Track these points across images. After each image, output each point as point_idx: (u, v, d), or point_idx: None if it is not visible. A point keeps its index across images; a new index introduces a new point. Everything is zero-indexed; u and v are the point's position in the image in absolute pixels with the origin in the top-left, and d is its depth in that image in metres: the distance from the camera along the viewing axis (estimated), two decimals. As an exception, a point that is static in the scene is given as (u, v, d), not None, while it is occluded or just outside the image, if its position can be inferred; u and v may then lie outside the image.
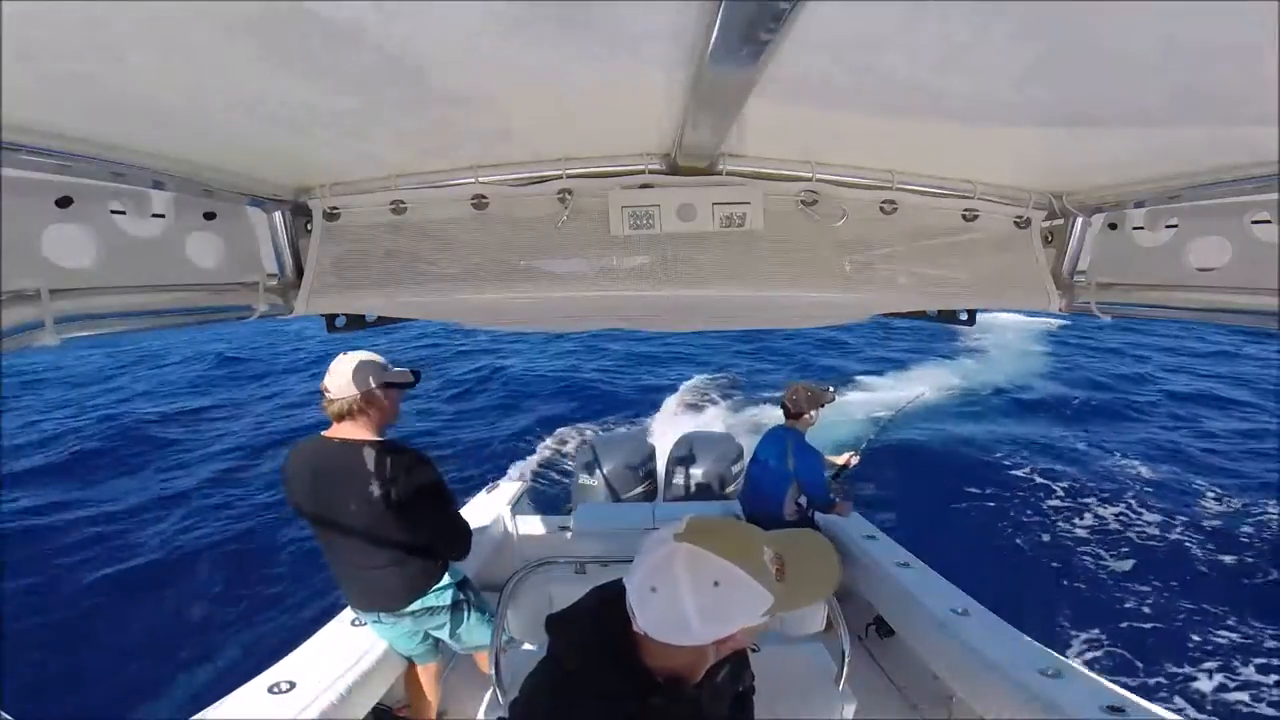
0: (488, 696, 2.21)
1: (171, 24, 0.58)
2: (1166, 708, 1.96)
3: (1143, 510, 7.29)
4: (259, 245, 1.30)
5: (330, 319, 1.48)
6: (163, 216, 1.06)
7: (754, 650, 1.78)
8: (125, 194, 0.97)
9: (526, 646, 2.35)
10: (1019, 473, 8.24)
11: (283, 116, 0.90)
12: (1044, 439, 9.57)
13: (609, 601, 1.05)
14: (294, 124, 0.95)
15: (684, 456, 4.39)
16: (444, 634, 2.46)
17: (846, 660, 1.99)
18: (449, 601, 2.42)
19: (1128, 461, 8.81)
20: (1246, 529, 6.80)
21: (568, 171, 1.27)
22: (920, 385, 11.32)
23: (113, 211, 0.97)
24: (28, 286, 0.83)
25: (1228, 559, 6.24)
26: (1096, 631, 5.19)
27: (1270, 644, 5.04)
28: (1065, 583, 5.89)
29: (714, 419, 10.53)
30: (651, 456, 4.55)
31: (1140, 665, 4.83)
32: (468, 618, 2.47)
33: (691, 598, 0.93)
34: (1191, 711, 4.42)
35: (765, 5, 0.55)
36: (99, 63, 0.64)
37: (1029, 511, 7.26)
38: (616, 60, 0.76)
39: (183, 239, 1.11)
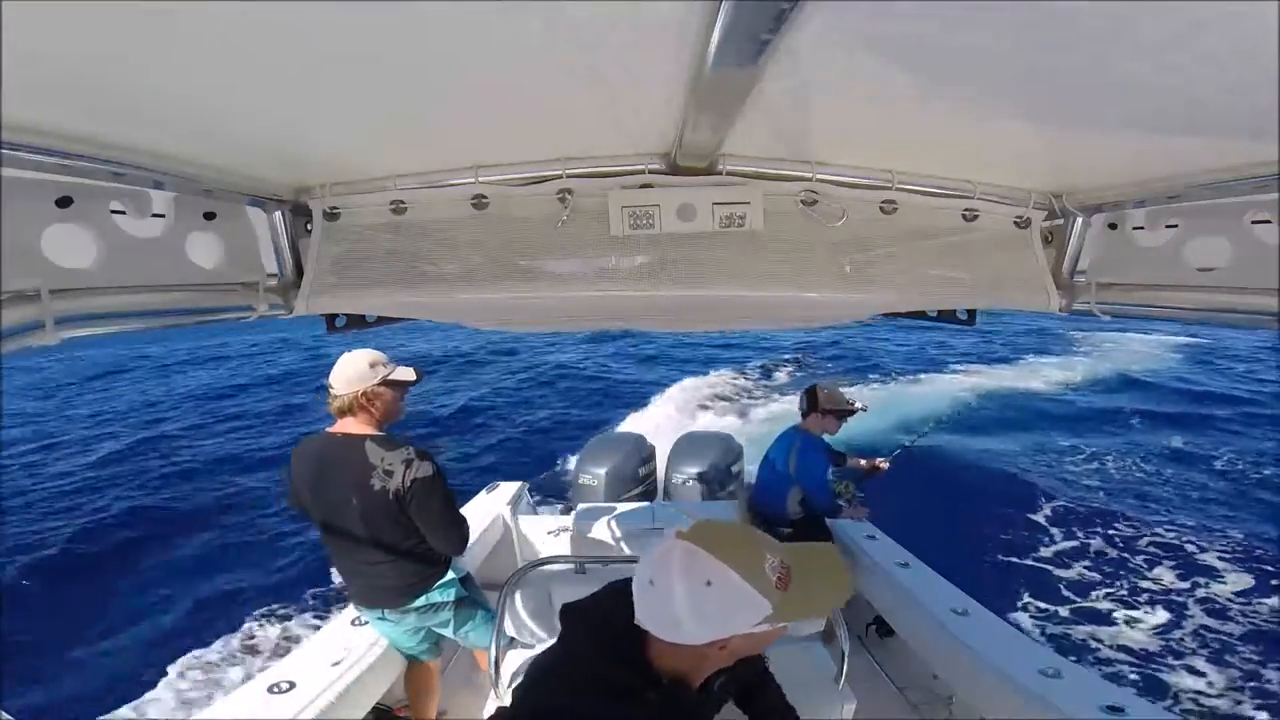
0: (488, 696, 2.22)
1: (171, 24, 0.58)
2: (1167, 708, 1.96)
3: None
4: (259, 245, 1.30)
5: (330, 319, 1.48)
6: (163, 216, 1.06)
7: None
8: (125, 194, 0.97)
9: (526, 646, 2.36)
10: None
11: (283, 116, 0.90)
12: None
13: (621, 594, 1.06)
14: (294, 124, 0.95)
15: (683, 456, 4.39)
16: (448, 631, 2.47)
17: (846, 660, 1.99)
18: (452, 598, 2.42)
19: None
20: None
21: (568, 171, 1.27)
22: (1016, 383, 10.92)
23: (113, 211, 0.97)
24: (28, 286, 0.83)
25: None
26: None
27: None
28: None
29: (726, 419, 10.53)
30: (651, 456, 4.54)
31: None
32: (472, 615, 2.48)
33: (683, 594, 0.93)
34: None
35: (765, 5, 0.55)
36: (99, 63, 0.64)
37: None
38: (617, 60, 0.76)
39: (183, 239, 1.11)
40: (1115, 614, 5.42)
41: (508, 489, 3.79)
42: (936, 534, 3.32)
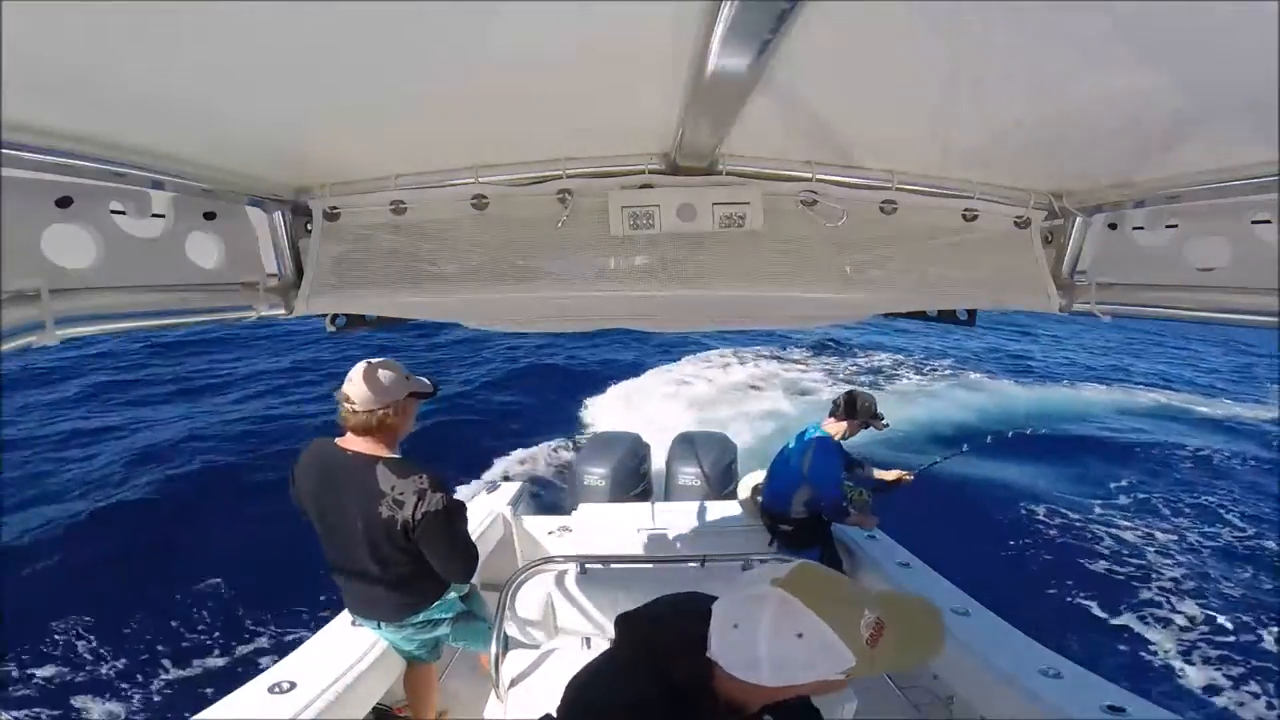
0: (489, 697, 2.22)
1: (171, 24, 0.58)
2: (1168, 707, 1.96)
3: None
4: (259, 245, 1.30)
5: (330, 319, 1.48)
6: (163, 216, 1.06)
7: None
8: (125, 194, 0.97)
9: (526, 646, 2.35)
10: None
11: (283, 116, 0.90)
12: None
13: (681, 613, 1.07)
14: (294, 124, 0.95)
15: (683, 455, 4.39)
16: (447, 640, 2.46)
17: None
18: (450, 615, 2.39)
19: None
20: None
21: (568, 171, 1.27)
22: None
23: (113, 211, 0.97)
24: (28, 286, 0.83)
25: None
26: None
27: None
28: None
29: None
30: (648, 455, 4.56)
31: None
32: (472, 626, 2.45)
33: (768, 643, 0.92)
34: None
35: (765, 5, 0.55)
36: (99, 63, 0.64)
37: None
38: (617, 60, 0.76)
39: (183, 239, 1.11)
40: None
41: (508, 489, 3.79)
42: (944, 562, 3.21)
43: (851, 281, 1.37)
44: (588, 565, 2.46)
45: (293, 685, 2.01)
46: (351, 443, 2.11)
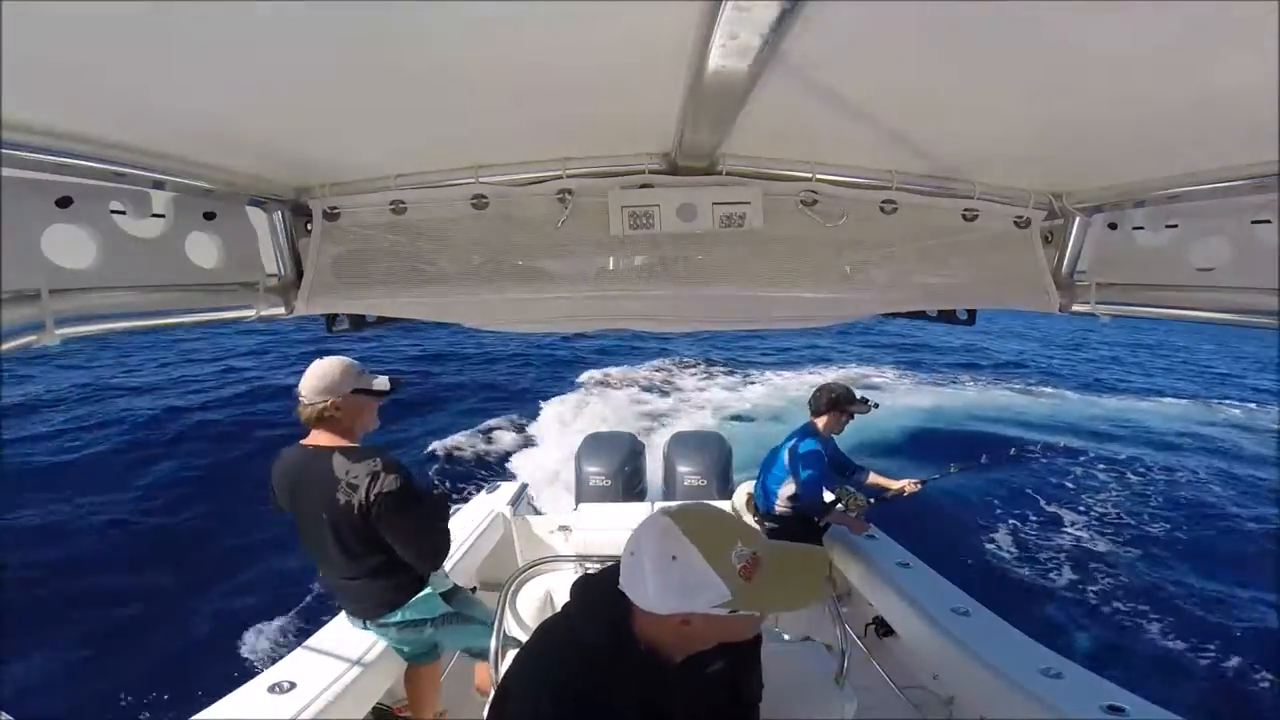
0: (489, 697, 2.21)
1: (171, 24, 0.58)
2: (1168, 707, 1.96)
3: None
4: (259, 245, 1.30)
5: (330, 319, 1.48)
6: (163, 216, 1.06)
7: None
8: (125, 194, 0.97)
9: None
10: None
11: (283, 116, 0.90)
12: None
13: None
14: (294, 124, 0.95)
15: (682, 455, 4.41)
16: (444, 643, 2.45)
17: (846, 660, 1.99)
18: (432, 615, 2.35)
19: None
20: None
21: (568, 171, 1.27)
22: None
23: (113, 211, 0.97)
24: (28, 286, 0.83)
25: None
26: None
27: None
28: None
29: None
30: (643, 454, 4.58)
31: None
32: (466, 629, 2.41)
33: (650, 566, 1.02)
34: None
35: (765, 5, 0.55)
36: (99, 63, 0.64)
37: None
38: (617, 60, 0.76)
39: (183, 239, 1.11)
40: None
41: (508, 489, 3.79)
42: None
43: (851, 281, 1.37)
44: (588, 565, 2.46)
45: (293, 685, 2.01)
46: (310, 438, 2.19)
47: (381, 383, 2.24)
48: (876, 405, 3.60)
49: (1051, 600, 5.80)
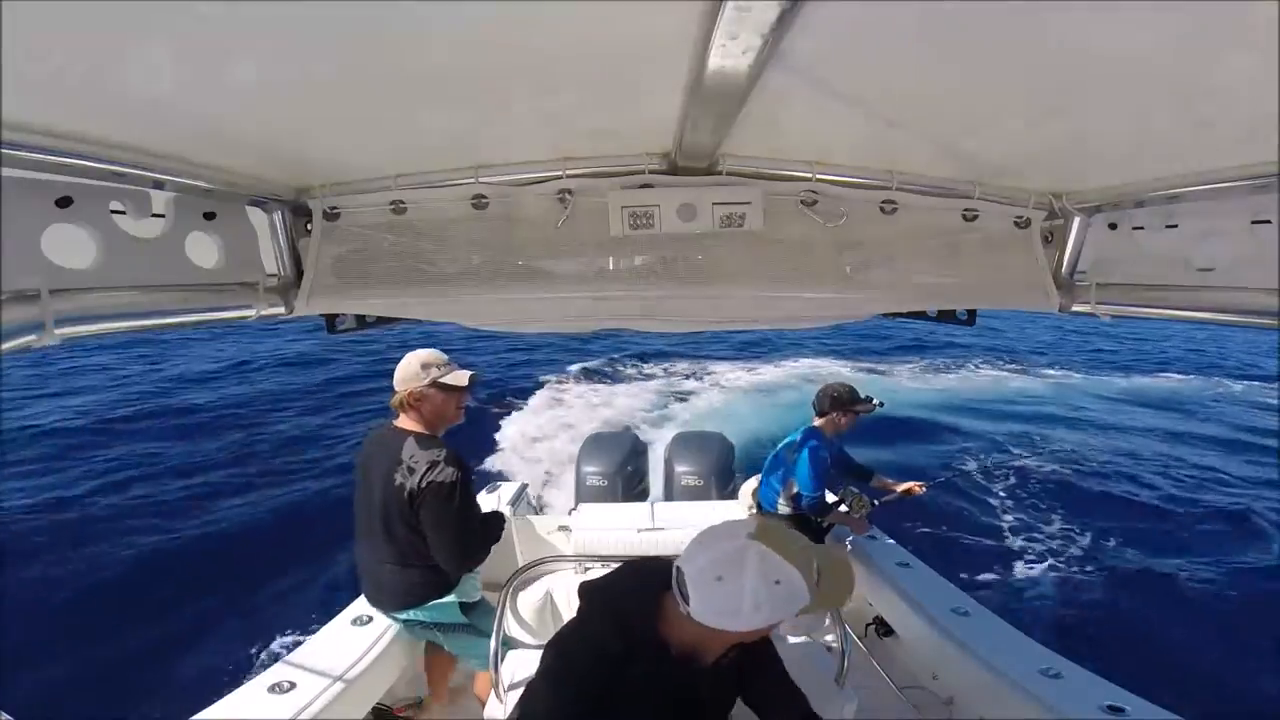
0: (489, 697, 2.21)
1: (171, 24, 0.58)
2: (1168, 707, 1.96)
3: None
4: (259, 245, 1.30)
5: (330, 319, 1.48)
6: (163, 216, 1.06)
7: None
8: (125, 194, 0.97)
9: (526, 646, 2.35)
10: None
11: (283, 117, 0.90)
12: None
13: (638, 572, 1.27)
14: (294, 124, 0.95)
15: (682, 455, 4.39)
16: (447, 646, 2.46)
17: (846, 660, 1.99)
18: (445, 621, 2.35)
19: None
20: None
21: (568, 171, 1.26)
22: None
23: (113, 211, 0.97)
24: (28, 286, 0.83)
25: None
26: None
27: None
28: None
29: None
30: (645, 453, 4.57)
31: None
32: (472, 639, 2.39)
33: (754, 592, 1.06)
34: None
35: (765, 5, 0.55)
36: (99, 63, 0.64)
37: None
38: (617, 60, 0.76)
39: (183, 239, 1.11)
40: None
41: (508, 489, 3.79)
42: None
43: (851, 281, 1.37)
44: (588, 565, 2.46)
45: (293, 685, 2.01)
46: (398, 420, 2.29)
47: (459, 377, 2.28)
48: (881, 404, 3.60)
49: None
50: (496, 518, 2.46)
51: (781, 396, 11.34)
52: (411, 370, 2.24)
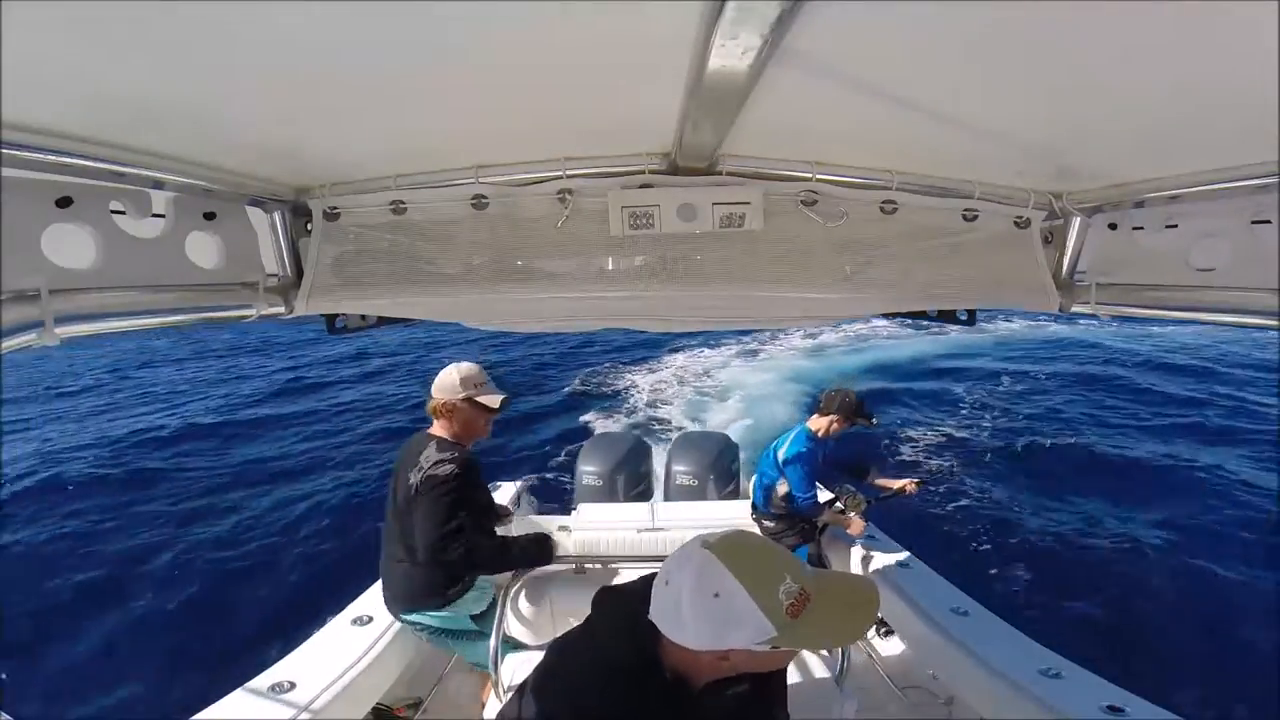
0: (489, 697, 2.22)
1: (171, 24, 0.58)
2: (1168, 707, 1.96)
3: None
4: (259, 245, 1.30)
5: (330, 319, 1.48)
6: (163, 216, 1.06)
7: None
8: (125, 194, 0.97)
9: (526, 647, 2.35)
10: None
11: (283, 117, 0.90)
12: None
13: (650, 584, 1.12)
14: (294, 124, 0.95)
15: (683, 456, 4.38)
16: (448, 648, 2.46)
17: (846, 660, 1.99)
18: (455, 629, 2.36)
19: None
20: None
21: (568, 171, 1.27)
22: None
23: (113, 211, 0.97)
24: (28, 286, 0.83)
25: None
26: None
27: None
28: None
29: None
30: (649, 455, 4.55)
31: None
32: (476, 645, 2.38)
33: (689, 601, 0.96)
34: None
35: (765, 5, 0.55)
36: (99, 63, 0.64)
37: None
38: (617, 60, 0.76)
39: (183, 239, 1.11)
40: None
41: (508, 489, 3.79)
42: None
43: (851, 281, 1.37)
44: (587, 565, 2.46)
45: (293, 685, 2.01)
46: (432, 427, 2.38)
47: (492, 399, 2.34)
48: (878, 424, 3.62)
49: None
50: (539, 542, 2.38)
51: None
52: (450, 382, 2.31)
